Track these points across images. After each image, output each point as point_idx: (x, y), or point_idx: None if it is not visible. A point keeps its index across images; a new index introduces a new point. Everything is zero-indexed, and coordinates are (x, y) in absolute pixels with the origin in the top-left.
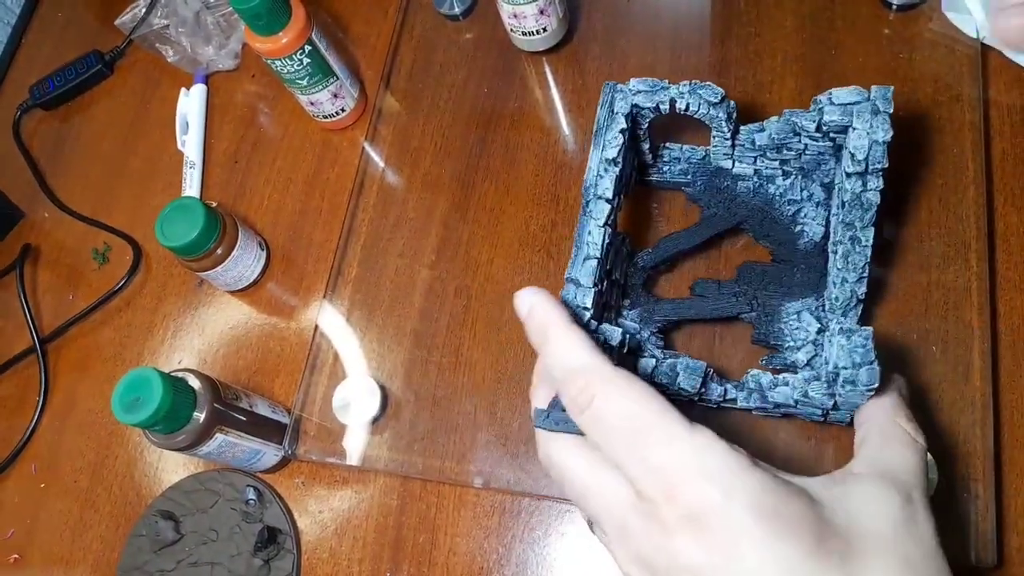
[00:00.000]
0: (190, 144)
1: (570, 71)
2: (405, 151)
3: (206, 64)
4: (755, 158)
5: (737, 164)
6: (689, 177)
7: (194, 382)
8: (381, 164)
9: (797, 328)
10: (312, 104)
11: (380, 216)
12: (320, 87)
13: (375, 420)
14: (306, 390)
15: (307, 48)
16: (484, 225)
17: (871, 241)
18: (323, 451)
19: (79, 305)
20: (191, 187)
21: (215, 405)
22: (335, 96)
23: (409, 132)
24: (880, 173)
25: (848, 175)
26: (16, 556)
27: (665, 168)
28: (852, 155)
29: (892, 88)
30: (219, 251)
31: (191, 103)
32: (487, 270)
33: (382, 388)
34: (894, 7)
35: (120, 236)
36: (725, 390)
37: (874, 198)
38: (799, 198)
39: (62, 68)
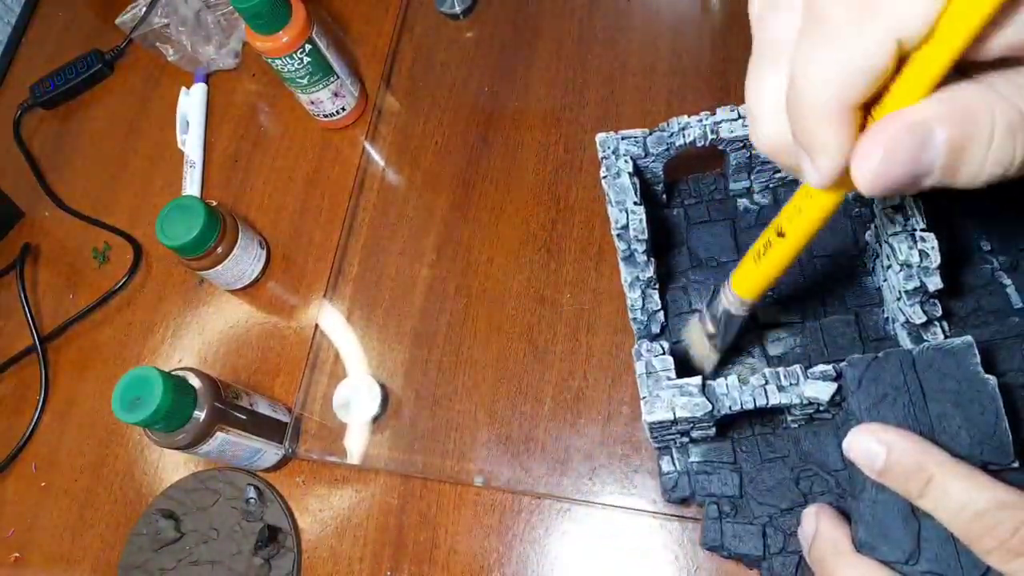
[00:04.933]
0: (190, 143)
1: (571, 70)
2: (405, 150)
3: (206, 63)
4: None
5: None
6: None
7: (194, 381)
8: (381, 163)
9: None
10: (312, 103)
11: (380, 215)
12: (320, 86)
13: (376, 419)
14: (306, 389)
15: (307, 47)
16: (484, 224)
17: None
18: (324, 450)
19: (79, 304)
20: (191, 186)
21: (215, 404)
22: (335, 95)
23: (410, 131)
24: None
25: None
26: (17, 555)
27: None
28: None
29: None
30: (219, 250)
31: (191, 102)
32: (487, 269)
33: (382, 387)
34: None
35: (120, 235)
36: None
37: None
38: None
39: (63, 67)
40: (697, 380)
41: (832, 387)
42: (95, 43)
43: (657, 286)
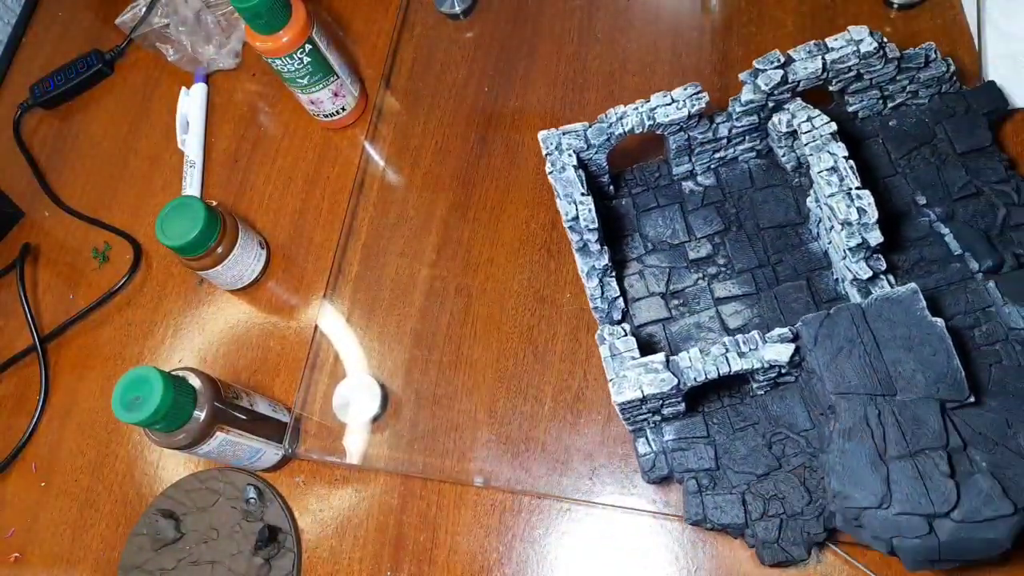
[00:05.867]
0: (190, 143)
1: (571, 70)
2: (405, 150)
3: (207, 63)
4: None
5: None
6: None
7: (194, 381)
8: (381, 163)
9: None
10: (312, 103)
11: (380, 215)
12: (320, 86)
13: (375, 419)
14: (306, 389)
15: (307, 47)
16: (484, 224)
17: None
18: (324, 450)
19: (79, 304)
20: (191, 186)
21: (215, 404)
22: (335, 95)
23: (409, 131)
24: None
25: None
26: (17, 555)
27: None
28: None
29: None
30: (219, 250)
31: (191, 102)
32: (487, 269)
33: (382, 387)
34: (895, 6)
35: (120, 235)
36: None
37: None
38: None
39: (63, 67)
40: (660, 357)
41: (790, 348)
42: (95, 43)
43: (614, 274)
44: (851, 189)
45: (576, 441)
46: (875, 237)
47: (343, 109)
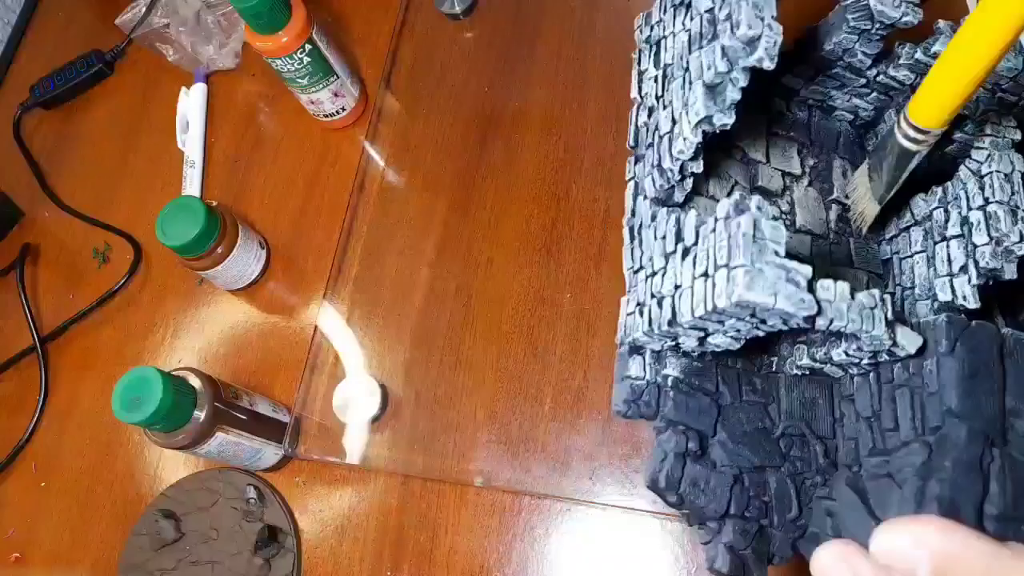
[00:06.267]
0: (190, 143)
1: (571, 71)
2: (406, 150)
3: (206, 63)
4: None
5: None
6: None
7: (194, 381)
8: (382, 163)
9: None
10: (312, 103)
11: (381, 215)
12: (320, 86)
13: (375, 419)
14: (306, 389)
15: (307, 47)
16: (485, 224)
17: None
18: (324, 450)
19: (79, 304)
20: (191, 186)
21: (215, 404)
22: (335, 95)
23: (410, 131)
24: None
25: None
26: (17, 555)
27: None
28: None
29: None
30: (219, 250)
31: (191, 102)
32: (488, 269)
33: (382, 387)
34: None
35: (120, 235)
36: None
37: None
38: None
39: (63, 67)
40: (807, 269)
41: (919, 341)
42: (95, 43)
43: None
44: (1017, 207)
45: (576, 441)
46: (1011, 271)
47: (343, 109)
